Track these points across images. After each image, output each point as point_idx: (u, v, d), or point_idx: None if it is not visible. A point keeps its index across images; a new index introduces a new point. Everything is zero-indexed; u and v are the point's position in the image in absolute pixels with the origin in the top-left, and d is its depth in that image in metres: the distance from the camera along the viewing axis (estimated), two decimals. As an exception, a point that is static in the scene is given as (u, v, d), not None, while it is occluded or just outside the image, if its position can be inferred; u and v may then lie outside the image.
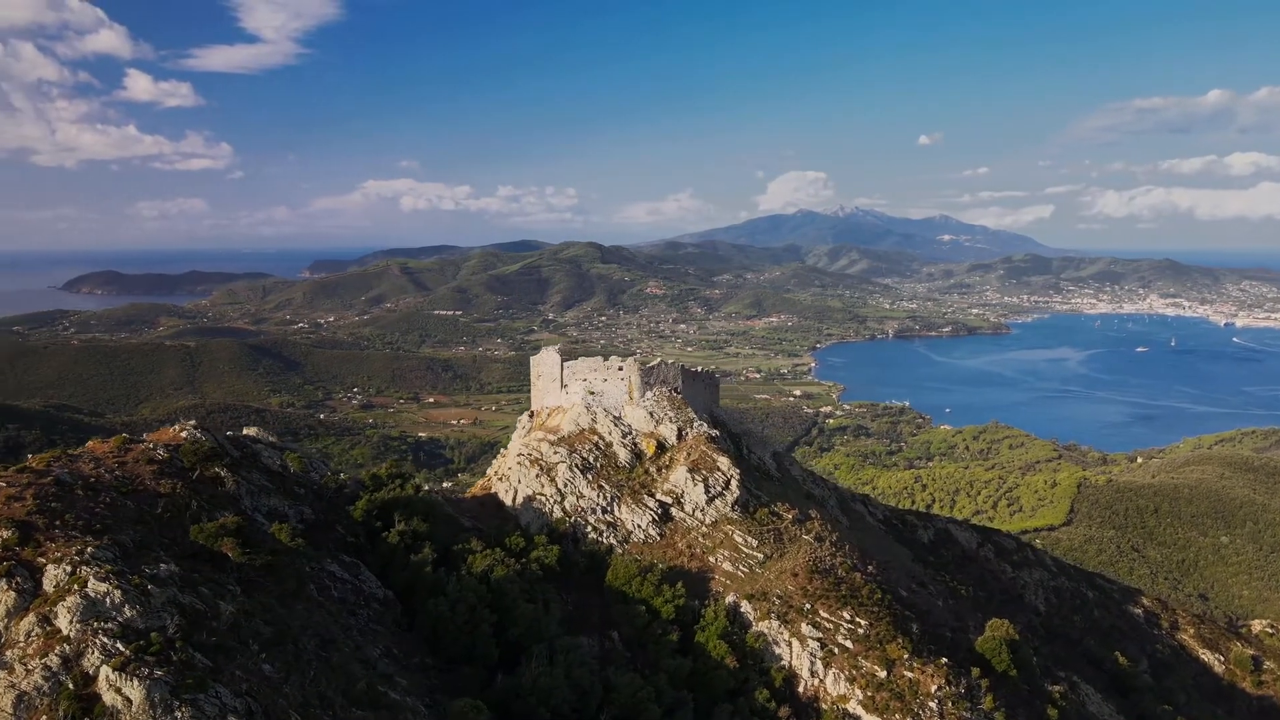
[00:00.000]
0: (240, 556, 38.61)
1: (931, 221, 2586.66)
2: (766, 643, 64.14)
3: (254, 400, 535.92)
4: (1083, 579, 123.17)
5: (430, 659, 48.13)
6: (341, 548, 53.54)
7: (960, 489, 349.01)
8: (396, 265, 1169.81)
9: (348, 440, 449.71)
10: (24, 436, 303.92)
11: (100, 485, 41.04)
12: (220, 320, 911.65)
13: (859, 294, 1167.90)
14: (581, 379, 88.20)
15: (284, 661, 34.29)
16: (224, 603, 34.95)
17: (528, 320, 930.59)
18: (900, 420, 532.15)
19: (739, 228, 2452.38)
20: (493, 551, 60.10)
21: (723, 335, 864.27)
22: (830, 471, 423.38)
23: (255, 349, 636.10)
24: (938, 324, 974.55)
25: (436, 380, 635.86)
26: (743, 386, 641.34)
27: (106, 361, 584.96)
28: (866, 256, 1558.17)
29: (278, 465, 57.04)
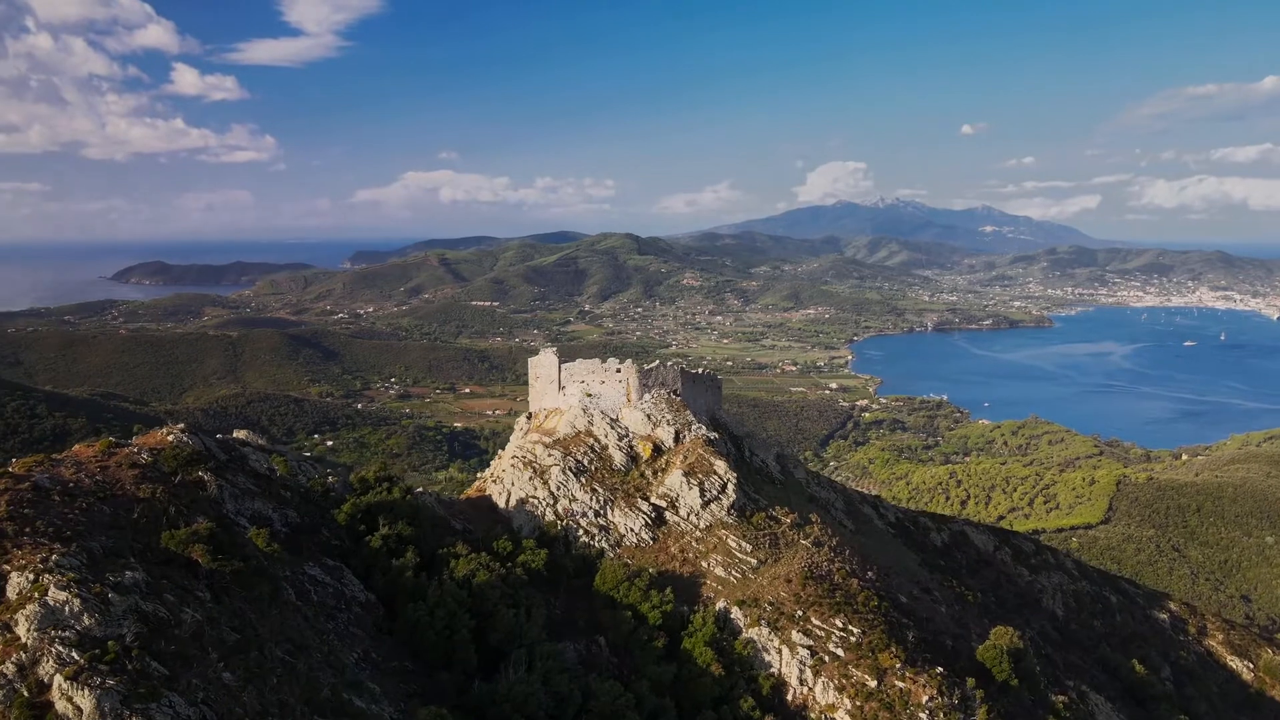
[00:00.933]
0: (210, 563, 38.98)
1: (973, 213, 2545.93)
2: (756, 650, 63.32)
3: (294, 389, 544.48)
4: (1106, 583, 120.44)
5: (410, 663, 48.44)
6: (326, 551, 53.87)
7: (996, 485, 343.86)
8: (435, 256, 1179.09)
9: (384, 430, 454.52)
10: (70, 424, 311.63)
11: (79, 491, 41.67)
12: (263, 310, 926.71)
13: (898, 286, 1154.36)
14: (579, 381, 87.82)
15: (245, 669, 34.66)
16: (189, 610, 35.35)
17: (564, 311, 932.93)
18: (937, 414, 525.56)
19: (777, 219, 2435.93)
20: (478, 556, 60.05)
21: (759, 327, 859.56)
22: (865, 466, 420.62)
23: (295, 339, 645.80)
24: (978, 317, 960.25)
25: (473, 371, 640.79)
26: (779, 379, 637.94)
27: (152, 351, 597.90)
28: (906, 248, 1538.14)
29: (265, 468, 57.58)
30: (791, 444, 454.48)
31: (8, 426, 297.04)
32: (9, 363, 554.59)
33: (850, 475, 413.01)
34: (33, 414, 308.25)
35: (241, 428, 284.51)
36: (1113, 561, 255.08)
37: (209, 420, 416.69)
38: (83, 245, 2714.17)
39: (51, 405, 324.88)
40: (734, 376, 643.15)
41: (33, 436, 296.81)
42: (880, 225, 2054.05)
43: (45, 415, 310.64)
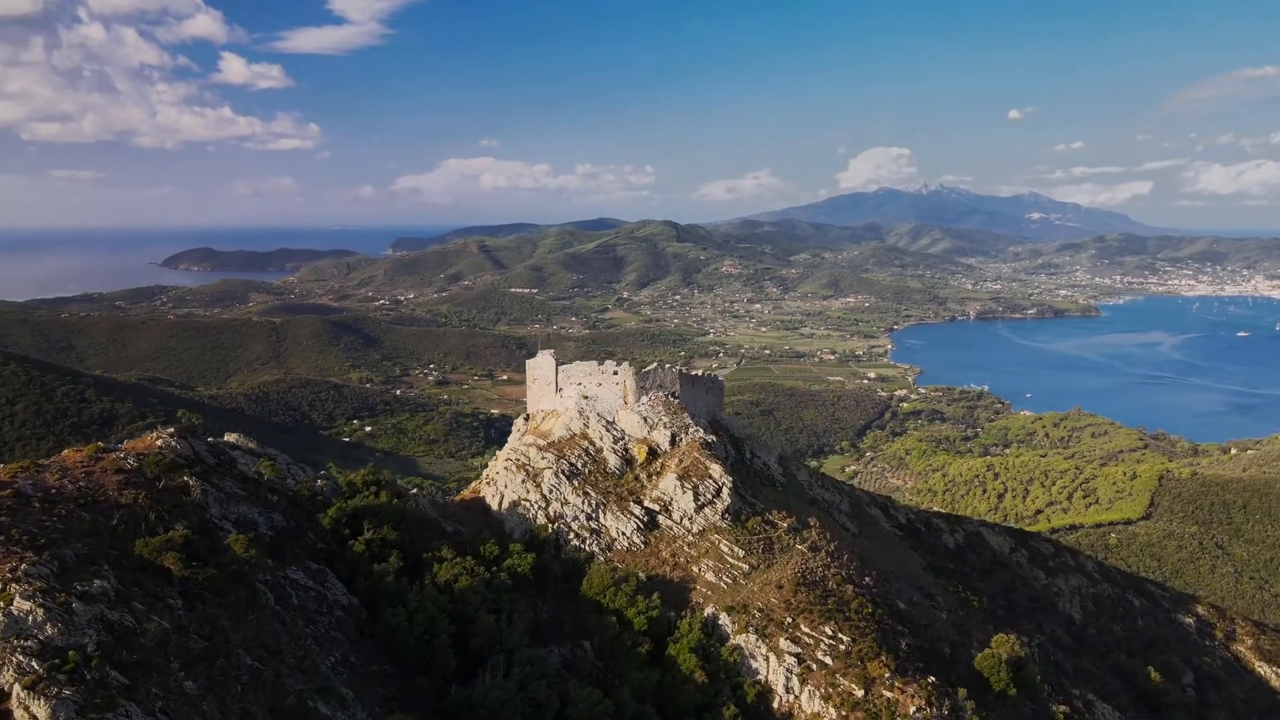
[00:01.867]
0: (182, 570, 39.77)
1: (1020, 199, 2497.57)
2: (743, 656, 62.95)
3: (335, 375, 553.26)
4: (1130, 585, 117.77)
5: (391, 667, 49.07)
6: (311, 555, 54.49)
7: (1034, 479, 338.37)
8: (475, 243, 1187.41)
9: (422, 416, 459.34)
10: (117, 409, 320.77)
11: (60, 497, 42.64)
12: (306, 296, 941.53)
13: (940, 274, 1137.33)
14: (576, 383, 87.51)
15: (208, 677, 35.31)
16: (156, 618, 36.10)
17: (602, 298, 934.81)
18: (978, 405, 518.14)
19: (818, 206, 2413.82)
20: (462, 560, 60.37)
21: (798, 315, 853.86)
22: (901, 456, 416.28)
23: (337, 325, 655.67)
24: (1022, 305, 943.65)
25: (510, 358, 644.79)
26: (816, 368, 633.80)
27: (199, 336, 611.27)
28: (949, 236, 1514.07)
29: (253, 472, 58.55)
30: (828, 434, 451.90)
31: (58, 410, 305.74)
32: (61, 347, 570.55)
33: (887, 466, 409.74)
34: (81, 398, 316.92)
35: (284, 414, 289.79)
36: (1152, 558, 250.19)
37: (251, 405, 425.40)
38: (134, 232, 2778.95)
39: (100, 390, 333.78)
40: (771, 365, 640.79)
41: (81, 420, 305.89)
42: (923, 212, 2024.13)
43: (94, 400, 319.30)
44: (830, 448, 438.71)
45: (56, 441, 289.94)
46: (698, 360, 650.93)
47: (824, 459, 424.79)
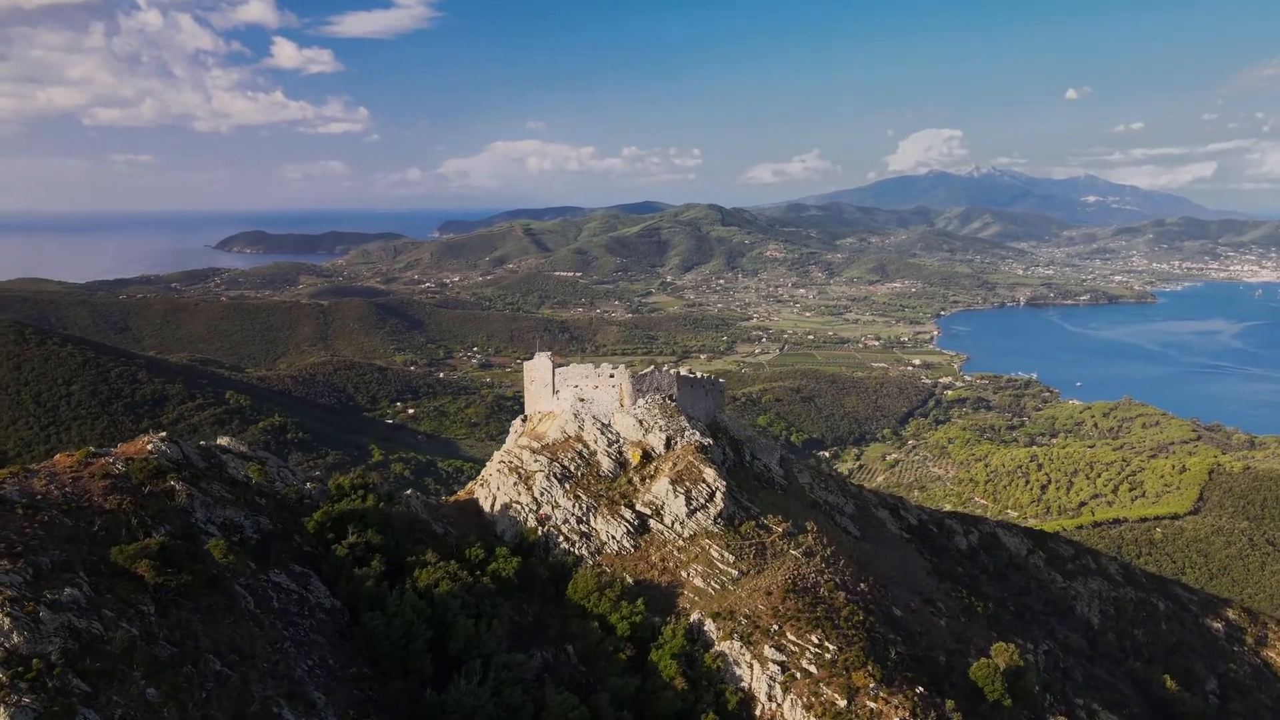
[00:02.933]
0: (155, 578, 40.70)
1: (1075, 182, 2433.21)
2: (726, 663, 62.54)
3: (380, 357, 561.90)
4: (1155, 588, 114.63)
5: (369, 670, 49.86)
6: (296, 558, 55.47)
7: (1079, 470, 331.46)
8: (520, 227, 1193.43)
9: (464, 399, 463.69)
10: (168, 390, 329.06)
11: (44, 503, 43.84)
12: (354, 279, 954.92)
13: (990, 259, 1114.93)
14: (573, 385, 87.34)
15: (172, 684, 36.19)
16: (125, 625, 37.08)
17: (646, 282, 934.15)
18: (1025, 394, 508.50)
19: (866, 189, 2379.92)
20: (446, 564, 60.94)
21: (843, 300, 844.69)
22: (943, 445, 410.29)
23: (382, 308, 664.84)
24: (1074, 292, 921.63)
25: (553, 341, 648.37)
26: (860, 354, 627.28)
27: (249, 318, 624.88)
28: (1000, 220, 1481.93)
29: (242, 476, 59.65)
30: (869, 421, 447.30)
31: (112, 391, 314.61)
32: (119, 328, 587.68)
33: (929, 455, 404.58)
34: (134, 380, 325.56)
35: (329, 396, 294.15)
36: (1198, 554, 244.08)
37: (299, 387, 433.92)
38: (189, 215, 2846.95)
39: (151, 371, 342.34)
40: (814, 350, 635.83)
41: (134, 400, 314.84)
42: (974, 195, 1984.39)
43: (146, 381, 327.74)
44: (872, 435, 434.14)
45: (110, 421, 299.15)
46: (740, 345, 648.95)
47: (865, 447, 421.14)
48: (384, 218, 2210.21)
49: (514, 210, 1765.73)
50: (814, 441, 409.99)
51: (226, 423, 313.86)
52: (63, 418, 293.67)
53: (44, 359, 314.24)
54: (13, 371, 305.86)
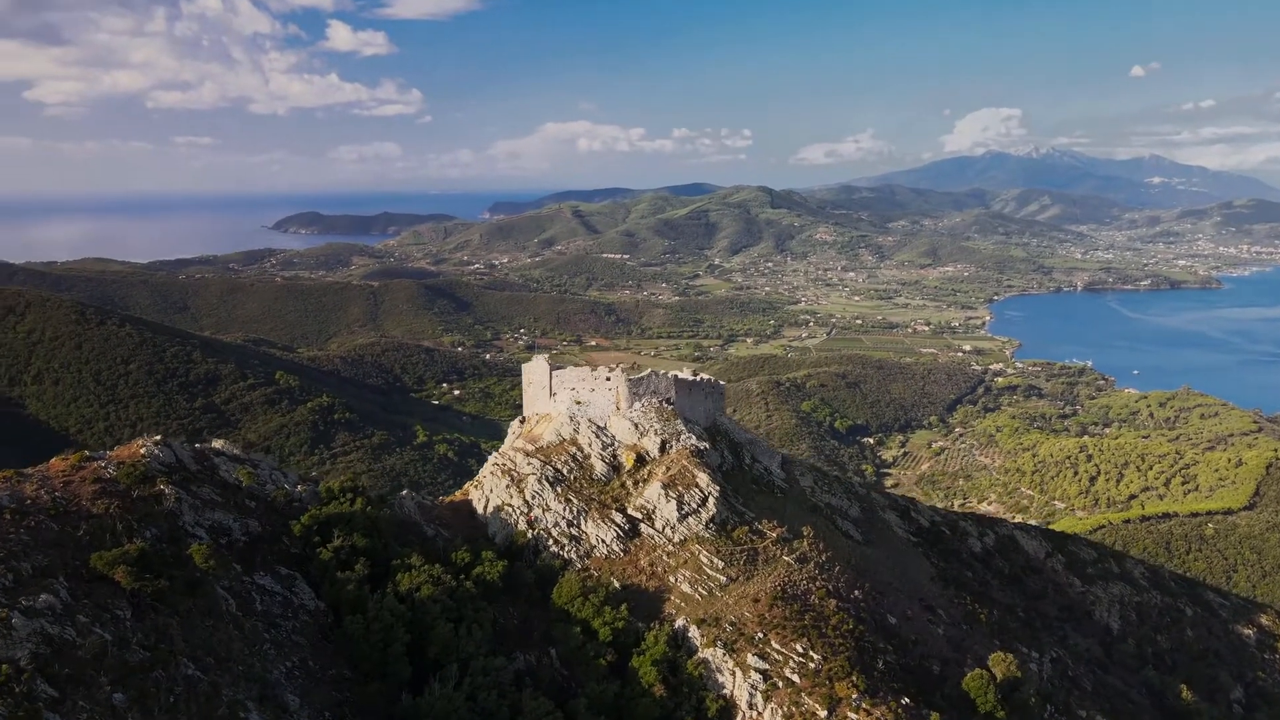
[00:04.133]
0: (132, 583, 41.91)
1: (1139, 162, 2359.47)
2: (709, 670, 62.43)
3: (428, 338, 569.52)
4: (1184, 593, 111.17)
5: (350, 671, 50.82)
6: (283, 560, 56.76)
7: (1130, 462, 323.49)
8: (568, 208, 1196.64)
9: (509, 380, 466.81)
10: (220, 369, 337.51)
11: (34, 508, 45.34)
12: (405, 260, 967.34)
13: (1047, 243, 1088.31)
14: (570, 388, 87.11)
15: (140, 689, 37.38)
16: (99, 630, 38.37)
17: (693, 265, 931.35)
18: (1078, 381, 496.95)
19: (920, 171, 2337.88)
20: (430, 567, 62.02)
21: (893, 284, 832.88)
22: (991, 434, 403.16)
23: (431, 289, 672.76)
24: (1135, 276, 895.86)
25: (599, 323, 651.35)
26: (909, 339, 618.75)
27: (302, 298, 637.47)
28: (1059, 202, 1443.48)
29: (234, 479, 60.90)
30: (916, 408, 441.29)
31: (167, 370, 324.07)
32: (178, 308, 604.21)
33: (975, 443, 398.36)
34: (189, 359, 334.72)
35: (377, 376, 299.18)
36: (1251, 551, 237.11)
37: (347, 367, 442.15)
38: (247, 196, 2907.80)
39: (205, 351, 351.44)
40: (862, 335, 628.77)
41: (189, 380, 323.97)
42: (1032, 177, 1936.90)
43: (200, 361, 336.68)
44: (918, 422, 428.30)
45: (166, 400, 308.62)
46: (787, 329, 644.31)
47: (911, 434, 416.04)
48: (435, 199, 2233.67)
49: (563, 192, 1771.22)
50: (858, 428, 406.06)
51: (276, 403, 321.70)
52: (121, 396, 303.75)
53: (103, 339, 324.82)
54: (74, 351, 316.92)
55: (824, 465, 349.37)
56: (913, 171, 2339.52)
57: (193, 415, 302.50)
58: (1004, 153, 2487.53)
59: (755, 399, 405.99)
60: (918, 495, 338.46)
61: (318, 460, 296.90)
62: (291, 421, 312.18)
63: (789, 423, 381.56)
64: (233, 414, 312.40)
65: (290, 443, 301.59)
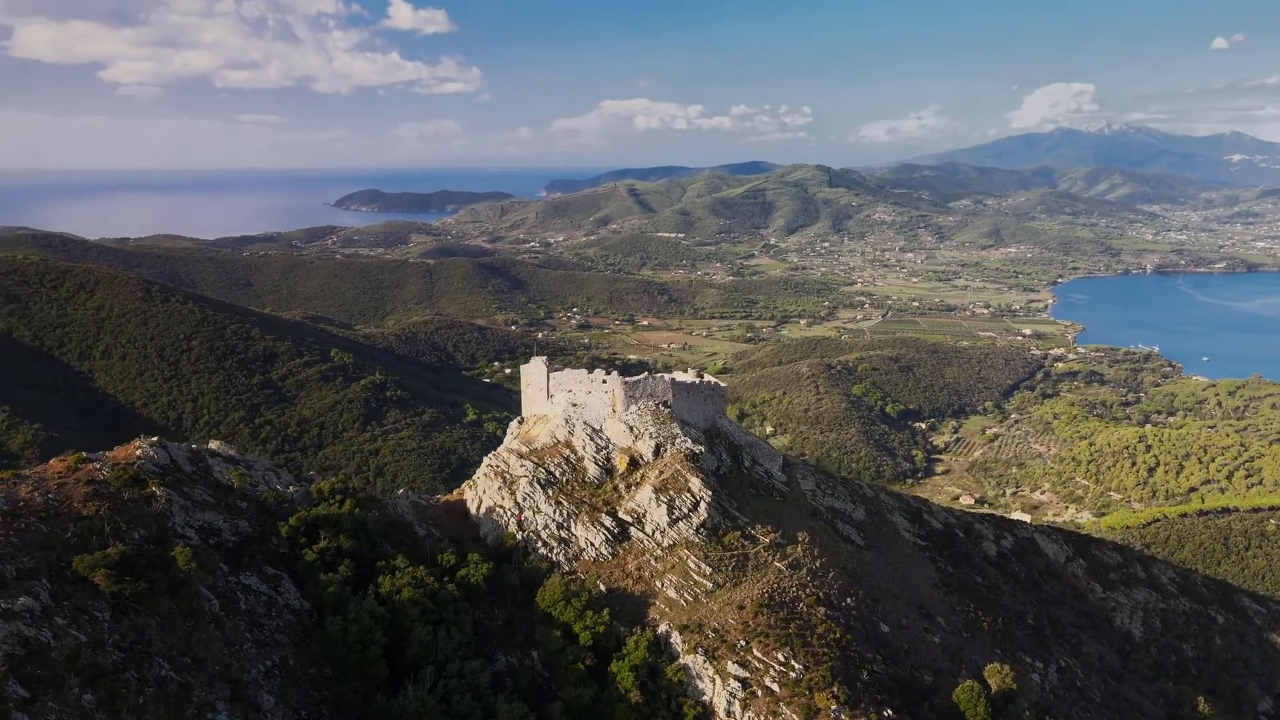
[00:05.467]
0: (110, 586, 43.37)
1: (1219, 139, 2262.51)
2: (689, 677, 62.27)
3: (481, 316, 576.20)
4: (1217, 599, 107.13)
5: (330, 670, 51.97)
6: (272, 560, 58.29)
7: (1191, 454, 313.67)
8: (624, 187, 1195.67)
9: (559, 360, 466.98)
10: (278, 347, 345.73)
11: (26, 510, 47.13)
12: (462, 238, 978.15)
13: (1116, 223, 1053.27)
14: (567, 390, 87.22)
15: (110, 690, 38.84)
16: (75, 632, 39.86)
17: (749, 244, 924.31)
18: (1143, 368, 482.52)
19: (985, 148, 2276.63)
20: (413, 569, 62.99)
21: (953, 266, 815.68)
22: (1048, 421, 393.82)
23: (486, 267, 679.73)
24: (1209, 259, 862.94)
25: (652, 303, 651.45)
26: (967, 322, 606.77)
27: (360, 276, 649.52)
28: (1131, 180, 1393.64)
29: (227, 479, 62.41)
30: (970, 393, 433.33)
31: (227, 347, 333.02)
32: (241, 284, 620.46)
33: (1030, 430, 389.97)
34: (247, 336, 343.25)
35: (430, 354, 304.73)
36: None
37: (401, 345, 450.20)
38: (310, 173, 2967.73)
39: (264, 328, 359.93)
40: (918, 318, 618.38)
41: (247, 357, 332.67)
42: (1103, 154, 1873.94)
43: (258, 338, 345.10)
44: (972, 408, 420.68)
45: (225, 376, 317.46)
46: (841, 311, 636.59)
47: (964, 419, 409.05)
48: (493, 176, 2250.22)
49: (619, 170, 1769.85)
50: (910, 413, 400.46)
51: (331, 380, 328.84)
52: (183, 371, 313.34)
53: (167, 315, 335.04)
54: (140, 327, 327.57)
55: (872, 450, 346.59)
56: (977, 149, 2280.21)
57: (251, 391, 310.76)
58: (1074, 129, 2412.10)
59: (805, 381, 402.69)
60: (969, 482, 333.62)
61: (369, 437, 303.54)
62: (345, 398, 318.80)
63: (839, 406, 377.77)
64: (289, 390, 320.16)
65: (343, 419, 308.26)
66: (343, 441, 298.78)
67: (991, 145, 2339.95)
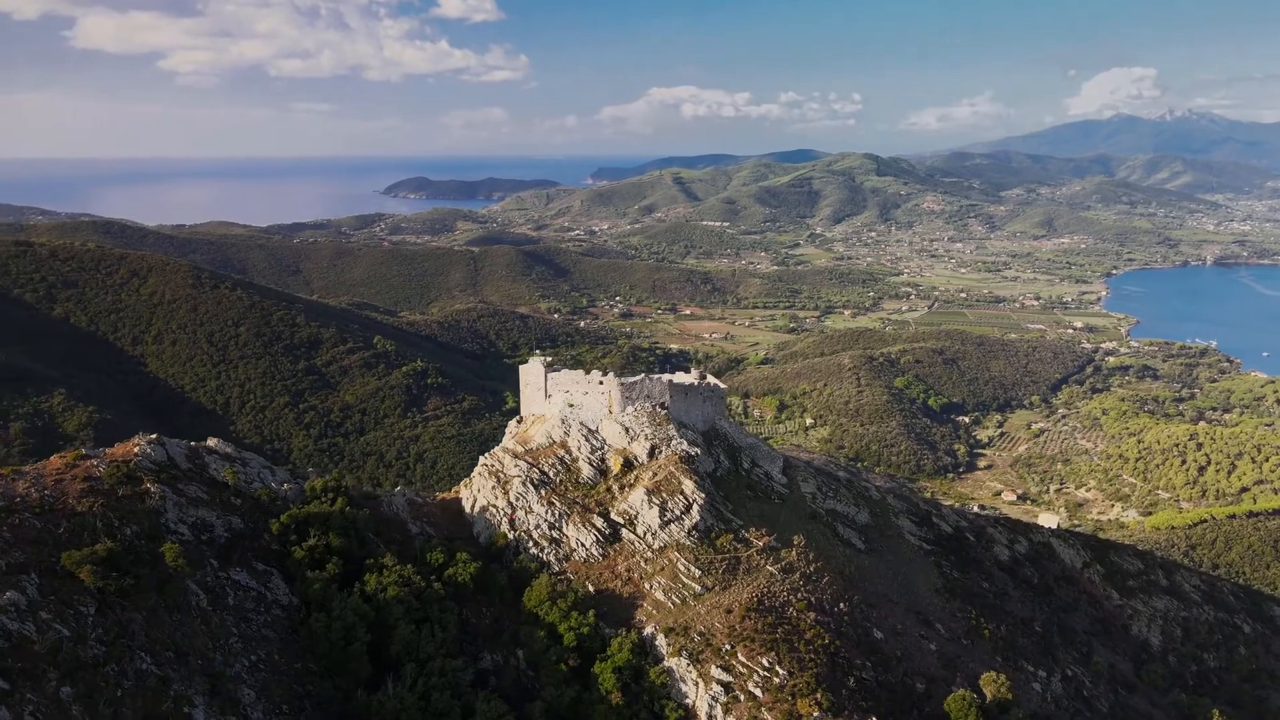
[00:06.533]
0: (95, 582, 44.49)
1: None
2: (672, 679, 61.93)
3: (524, 304, 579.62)
4: (1244, 608, 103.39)
5: (315, 665, 52.80)
6: (263, 556, 59.49)
7: (1245, 453, 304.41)
8: (670, 175, 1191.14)
9: (600, 349, 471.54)
10: (322, 333, 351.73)
11: (22, 505, 48.57)
12: (507, 225, 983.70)
13: (1176, 213, 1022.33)
14: (564, 390, 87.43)
15: (88, 683, 39.99)
16: (59, 626, 41.00)
17: (794, 233, 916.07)
18: (1199, 363, 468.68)
19: (1040, 136, 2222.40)
20: (402, 568, 63.58)
21: (1002, 257, 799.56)
22: (1096, 417, 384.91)
23: (529, 255, 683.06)
24: (1273, 250, 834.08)
25: (695, 292, 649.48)
26: (1016, 314, 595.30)
27: (406, 263, 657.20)
28: (1192, 169, 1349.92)
29: (223, 477, 63.53)
30: (1017, 387, 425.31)
31: (273, 333, 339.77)
32: (291, 271, 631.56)
33: (1078, 425, 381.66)
34: (293, 323, 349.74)
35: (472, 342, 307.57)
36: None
37: (444, 332, 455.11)
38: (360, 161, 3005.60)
39: (309, 315, 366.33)
40: (965, 310, 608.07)
41: (293, 343, 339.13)
42: (1164, 142, 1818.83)
43: (303, 325, 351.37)
44: (1017, 402, 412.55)
45: (272, 361, 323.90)
46: (887, 301, 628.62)
47: (1009, 414, 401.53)
48: (540, 164, 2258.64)
49: (666, 158, 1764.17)
50: (953, 406, 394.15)
51: (373, 366, 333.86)
52: (231, 356, 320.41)
53: (216, 301, 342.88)
54: (190, 313, 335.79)
55: (913, 443, 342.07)
56: (1031, 137, 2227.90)
57: (295, 377, 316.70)
58: (1134, 116, 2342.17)
59: (846, 373, 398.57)
60: (1011, 478, 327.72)
61: (410, 423, 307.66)
62: (387, 385, 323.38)
63: (879, 399, 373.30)
64: (332, 376, 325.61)
65: (385, 405, 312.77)
66: (383, 428, 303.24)
67: (1047, 133, 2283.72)
